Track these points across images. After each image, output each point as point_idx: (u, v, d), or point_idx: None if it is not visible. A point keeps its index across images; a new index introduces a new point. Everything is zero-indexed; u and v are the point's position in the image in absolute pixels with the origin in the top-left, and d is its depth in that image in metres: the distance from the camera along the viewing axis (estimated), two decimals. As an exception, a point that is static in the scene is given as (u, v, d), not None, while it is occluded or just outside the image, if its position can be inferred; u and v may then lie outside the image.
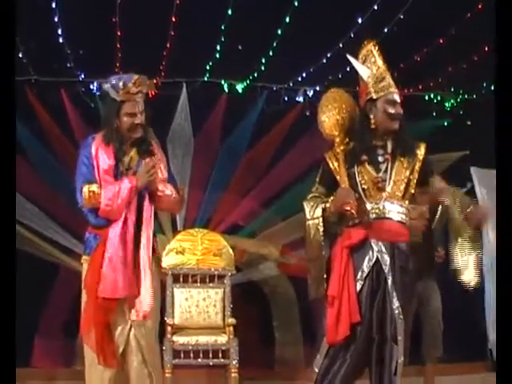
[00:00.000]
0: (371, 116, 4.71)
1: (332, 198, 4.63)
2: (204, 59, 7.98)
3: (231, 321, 6.94)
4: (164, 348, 6.46)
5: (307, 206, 4.72)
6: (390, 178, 4.64)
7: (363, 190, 4.63)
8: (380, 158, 4.68)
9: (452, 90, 8.79)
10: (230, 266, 7.28)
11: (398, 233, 4.63)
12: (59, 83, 8.01)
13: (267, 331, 8.06)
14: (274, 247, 8.08)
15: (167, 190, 4.87)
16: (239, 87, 8.51)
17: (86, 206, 4.76)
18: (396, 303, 4.50)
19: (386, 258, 4.55)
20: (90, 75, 8.08)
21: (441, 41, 7.53)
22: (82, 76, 8.10)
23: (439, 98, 8.96)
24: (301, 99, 8.64)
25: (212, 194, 8.36)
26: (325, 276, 4.61)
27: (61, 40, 7.34)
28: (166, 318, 6.66)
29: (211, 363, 6.88)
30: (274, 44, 7.66)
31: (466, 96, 8.93)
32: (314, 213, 4.67)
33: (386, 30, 7.28)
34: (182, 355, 6.75)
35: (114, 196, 4.68)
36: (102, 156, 4.76)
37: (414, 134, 8.18)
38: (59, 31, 7.24)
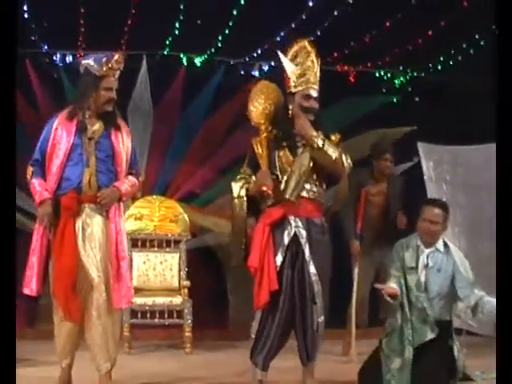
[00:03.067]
0: (290, 107, 5.21)
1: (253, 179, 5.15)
2: (164, 34, 8.19)
3: (186, 283, 7.33)
4: (122, 308, 6.80)
5: (235, 186, 5.25)
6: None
7: (281, 172, 5.17)
8: (298, 144, 5.22)
9: (401, 68, 9.10)
10: (185, 231, 7.64)
11: (312, 210, 5.17)
12: (24, 54, 8.08)
13: (221, 293, 8.37)
14: (220, 219, 8.32)
15: (128, 187, 5.19)
16: (197, 61, 8.69)
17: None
18: (313, 270, 5.07)
19: (303, 232, 5.12)
20: (54, 47, 8.24)
21: (387, 24, 7.93)
22: (46, 47, 8.24)
23: (389, 76, 9.24)
24: (256, 73, 8.87)
25: (170, 163, 8.60)
26: (243, 247, 5.17)
27: (26, 15, 7.54)
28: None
29: (167, 323, 7.28)
30: (231, 21, 7.94)
31: (415, 74, 9.22)
32: (239, 192, 5.19)
33: (336, 13, 7.67)
34: (140, 315, 7.14)
35: (33, 192, 5.07)
36: (61, 133, 5.04)
37: (365, 109, 8.66)
38: (24, 7, 7.48)
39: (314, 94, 5.22)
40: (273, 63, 8.73)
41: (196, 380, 5.77)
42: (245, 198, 5.21)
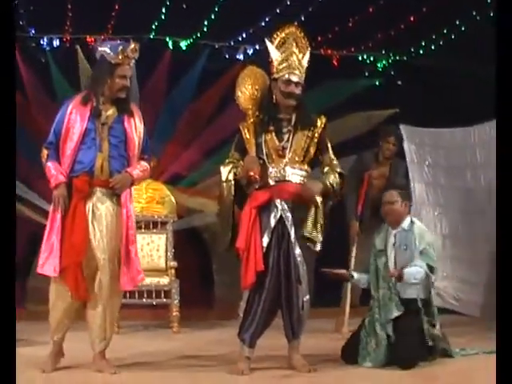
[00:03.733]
0: (274, 92, 5.34)
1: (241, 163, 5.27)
2: (150, 18, 8.29)
3: (173, 264, 7.47)
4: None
5: (223, 170, 5.37)
6: (291, 147, 5.32)
7: (267, 156, 5.31)
8: (284, 129, 5.38)
9: (383, 52, 9.19)
10: (172, 213, 7.78)
11: (297, 193, 5.29)
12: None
13: (207, 274, 8.50)
14: (206, 200, 8.42)
15: (140, 172, 5.31)
16: (183, 44, 8.75)
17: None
18: (298, 251, 5.23)
19: (288, 214, 5.27)
20: (41, 31, 8.30)
21: (370, 9, 8.07)
22: (33, 31, 8.29)
23: (372, 59, 9.31)
24: (241, 57, 8.95)
25: (156, 145, 8.53)
26: (230, 230, 5.33)
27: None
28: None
29: (154, 303, 7.42)
30: (216, 5, 8.05)
31: (397, 57, 9.30)
32: (227, 176, 5.32)
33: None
34: (128, 295, 7.16)
35: (48, 175, 5.20)
36: (75, 117, 5.17)
37: (348, 92, 8.77)
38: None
39: (295, 79, 5.31)
40: (257, 47, 8.81)
41: (184, 358, 5.88)
42: (232, 182, 5.33)
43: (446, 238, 8.70)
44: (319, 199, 5.33)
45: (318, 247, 5.36)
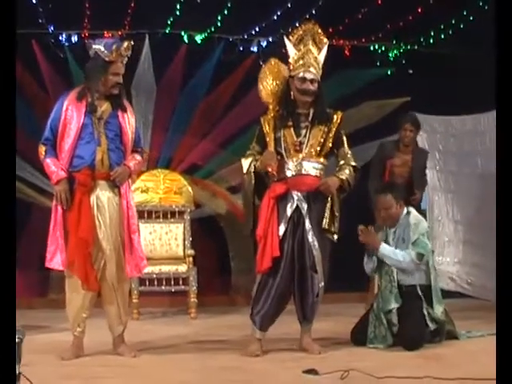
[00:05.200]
0: (291, 88, 5.53)
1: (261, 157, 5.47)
2: (166, 13, 8.45)
3: (190, 252, 7.69)
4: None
5: (244, 163, 5.59)
6: (308, 141, 5.50)
7: (285, 151, 5.50)
8: (302, 124, 5.56)
9: (394, 42, 9.30)
10: (189, 202, 8.00)
11: (313, 185, 5.51)
12: (30, 35, 8.25)
13: (223, 261, 8.67)
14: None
15: (136, 164, 5.53)
16: (198, 38, 8.88)
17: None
18: (311, 239, 5.45)
19: (304, 204, 5.49)
20: (59, 28, 8.45)
21: (380, 1, 8.29)
22: (52, 28, 8.44)
23: (383, 49, 9.41)
24: (255, 49, 9.06)
25: (173, 137, 8.83)
26: (251, 218, 5.55)
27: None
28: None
29: (173, 290, 7.64)
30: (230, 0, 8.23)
31: (408, 47, 9.40)
32: (249, 168, 5.53)
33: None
34: (147, 283, 7.50)
35: (48, 171, 5.39)
36: (71, 113, 5.34)
37: (361, 81, 8.91)
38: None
39: (310, 76, 5.48)
40: (270, 39, 8.96)
41: (201, 343, 6.08)
42: (253, 175, 5.55)
43: (457, 223, 8.90)
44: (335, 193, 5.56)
45: (336, 237, 5.59)
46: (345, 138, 5.68)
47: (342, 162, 5.64)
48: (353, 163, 5.64)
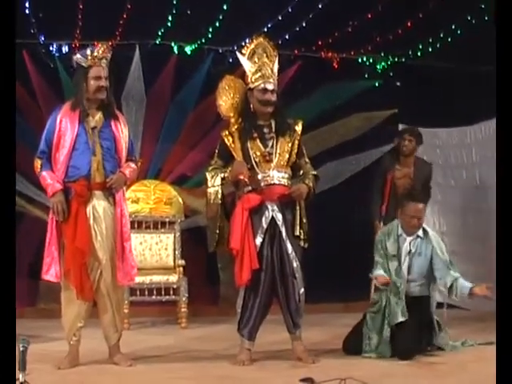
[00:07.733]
0: (251, 101, 5.62)
1: (229, 169, 5.56)
2: (156, 24, 8.48)
3: (181, 262, 7.75)
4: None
5: (208, 176, 5.66)
6: (276, 152, 5.60)
7: (255, 162, 5.58)
8: (267, 136, 5.66)
9: (382, 54, 9.35)
10: (179, 213, 8.04)
11: (285, 194, 5.58)
12: (20, 45, 7.96)
13: (213, 271, 8.58)
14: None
15: (131, 172, 5.59)
16: (188, 49, 8.88)
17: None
18: (290, 248, 5.54)
19: (279, 214, 5.56)
20: (50, 38, 8.44)
21: (369, 15, 8.34)
22: (42, 38, 8.41)
23: (371, 61, 9.43)
24: None
25: (162, 147, 8.82)
26: (217, 232, 5.62)
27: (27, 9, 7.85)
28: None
29: (163, 299, 7.67)
30: (220, 12, 8.28)
31: (396, 59, 9.44)
32: (214, 181, 5.62)
33: (320, 6, 8.08)
34: (138, 293, 7.52)
35: (44, 185, 5.44)
36: (65, 124, 5.40)
37: (349, 93, 8.97)
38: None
39: (270, 87, 5.61)
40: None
41: (191, 353, 6.11)
42: (220, 187, 5.61)
43: (444, 234, 8.94)
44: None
45: (306, 244, 5.68)
46: (304, 147, 5.80)
47: (303, 172, 5.74)
48: (314, 172, 5.76)
